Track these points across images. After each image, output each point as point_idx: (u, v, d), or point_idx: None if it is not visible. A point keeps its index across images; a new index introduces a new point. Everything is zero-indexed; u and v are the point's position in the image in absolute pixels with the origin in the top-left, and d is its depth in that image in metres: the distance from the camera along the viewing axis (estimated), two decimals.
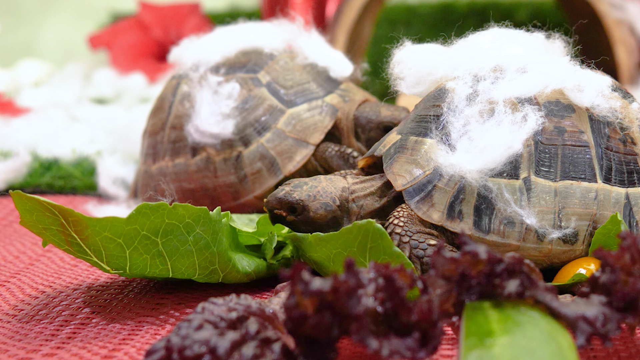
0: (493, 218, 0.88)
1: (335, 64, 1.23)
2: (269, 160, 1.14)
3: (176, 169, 1.18)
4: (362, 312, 0.64)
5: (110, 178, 1.45)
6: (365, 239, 0.85)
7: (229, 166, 1.15)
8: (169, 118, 1.20)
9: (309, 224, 0.94)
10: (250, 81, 1.17)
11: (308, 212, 0.94)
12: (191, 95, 1.18)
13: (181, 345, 0.66)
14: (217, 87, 1.17)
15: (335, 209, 0.95)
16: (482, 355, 0.62)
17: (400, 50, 1.05)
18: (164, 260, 0.88)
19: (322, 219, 0.94)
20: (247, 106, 1.16)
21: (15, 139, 1.68)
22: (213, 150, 1.15)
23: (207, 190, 1.16)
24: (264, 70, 1.19)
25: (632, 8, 2.00)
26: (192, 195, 1.17)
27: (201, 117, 1.15)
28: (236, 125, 1.15)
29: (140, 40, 2.53)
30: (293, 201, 0.94)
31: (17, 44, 2.94)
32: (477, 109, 0.92)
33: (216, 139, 1.15)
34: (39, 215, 0.85)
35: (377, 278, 0.67)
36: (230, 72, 1.19)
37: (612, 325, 0.67)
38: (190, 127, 1.16)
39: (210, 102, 1.16)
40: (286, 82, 1.18)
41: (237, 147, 1.15)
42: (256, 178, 1.14)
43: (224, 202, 1.16)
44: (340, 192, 0.96)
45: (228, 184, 1.15)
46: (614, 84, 0.97)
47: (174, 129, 1.19)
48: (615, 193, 0.91)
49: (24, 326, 0.86)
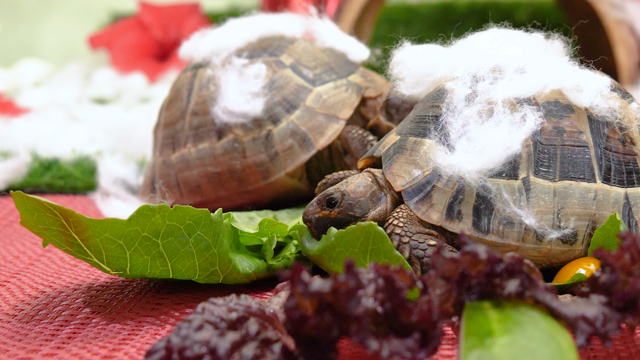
0: (492, 218, 0.88)
1: (353, 48, 1.26)
2: (300, 136, 1.15)
3: (200, 154, 1.18)
4: (362, 313, 0.64)
5: (110, 178, 1.45)
6: (367, 241, 0.86)
7: (259, 145, 1.15)
8: (189, 106, 1.21)
9: (354, 208, 0.94)
10: (274, 64, 1.19)
11: (349, 195, 0.94)
12: (216, 78, 1.19)
13: (181, 345, 0.66)
14: (242, 69, 1.18)
15: (371, 183, 0.95)
16: (482, 355, 0.62)
17: (399, 51, 1.05)
18: (165, 262, 0.88)
19: (362, 195, 0.94)
20: (274, 86, 1.17)
21: (15, 139, 1.68)
22: (241, 131, 1.16)
23: (234, 172, 1.17)
24: (285, 53, 1.21)
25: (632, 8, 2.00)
26: (217, 179, 1.18)
27: (229, 98, 1.16)
28: (266, 103, 1.16)
29: (140, 40, 2.53)
30: (331, 192, 0.94)
31: (17, 44, 2.94)
32: (476, 109, 0.92)
33: (245, 117, 1.16)
34: (39, 216, 0.85)
35: (377, 279, 0.67)
36: (253, 57, 1.20)
37: (612, 325, 0.67)
38: (217, 109, 1.17)
39: (237, 82, 1.17)
40: (309, 63, 1.20)
41: (267, 126, 1.16)
42: (288, 154, 1.15)
43: (252, 183, 1.17)
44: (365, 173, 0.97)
45: (258, 163, 1.15)
46: (613, 84, 0.97)
47: (196, 115, 1.19)
48: (615, 193, 0.91)
49: (24, 326, 0.86)
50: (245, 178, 1.17)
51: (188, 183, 1.19)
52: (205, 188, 1.18)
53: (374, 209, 0.94)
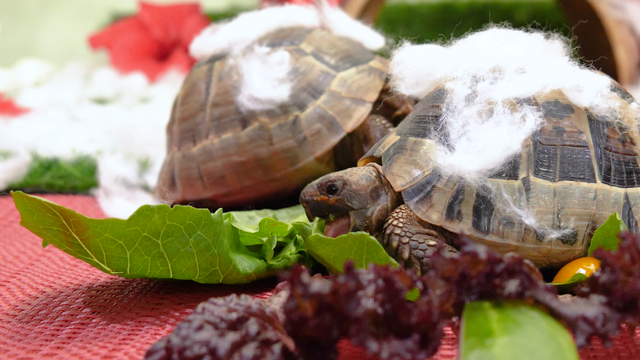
0: (492, 218, 0.88)
1: (368, 37, 1.27)
2: (328, 120, 1.15)
3: (223, 144, 1.18)
4: (361, 315, 0.64)
5: (111, 177, 1.45)
6: (361, 250, 0.86)
7: (286, 131, 1.16)
8: (209, 98, 1.21)
9: (352, 199, 0.94)
10: (295, 52, 1.19)
11: (350, 185, 0.94)
12: (238, 67, 1.19)
13: (181, 345, 0.66)
14: (265, 57, 1.18)
15: (374, 179, 0.95)
16: (482, 355, 0.62)
17: (399, 51, 1.05)
18: (165, 262, 0.88)
19: (365, 188, 0.94)
20: (298, 72, 1.18)
21: (15, 139, 1.68)
22: (266, 118, 1.16)
23: (260, 160, 1.17)
24: (305, 41, 1.21)
25: (632, 8, 2.00)
26: (243, 168, 1.17)
27: (253, 85, 1.16)
28: (292, 89, 1.16)
29: (140, 40, 2.53)
30: (333, 179, 0.95)
31: (17, 44, 2.94)
32: (476, 109, 0.92)
33: (272, 104, 1.16)
34: (39, 216, 0.85)
35: (377, 280, 0.67)
36: (274, 45, 1.21)
37: (612, 325, 0.67)
38: (241, 97, 1.17)
39: (261, 70, 1.17)
40: (329, 50, 1.21)
41: (293, 111, 1.16)
42: (316, 139, 1.15)
43: (279, 170, 1.17)
44: (369, 166, 0.97)
45: (285, 149, 1.16)
46: (613, 84, 0.97)
47: (217, 106, 1.19)
48: (615, 193, 0.91)
49: (24, 326, 0.86)
50: (272, 165, 1.16)
51: (211, 174, 1.19)
52: (229, 178, 1.18)
53: (372, 205, 0.94)
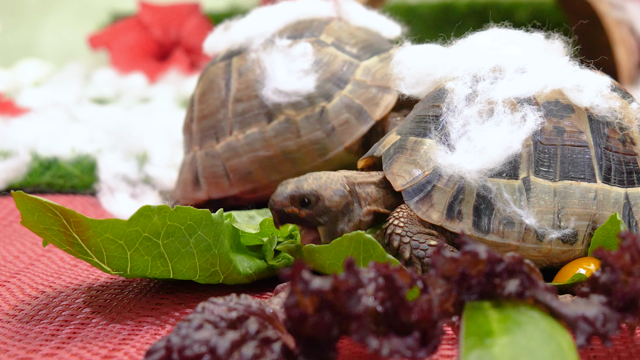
0: (492, 218, 0.88)
1: (385, 26, 1.27)
2: (355, 109, 1.15)
3: (249, 140, 1.17)
4: (362, 312, 0.64)
5: (111, 173, 1.45)
6: (357, 250, 0.85)
7: (313, 122, 1.15)
8: (230, 94, 1.20)
9: (323, 215, 0.92)
10: (315, 43, 1.19)
11: (323, 202, 0.91)
12: (260, 61, 1.19)
13: (181, 345, 0.66)
14: (287, 50, 1.18)
15: (347, 194, 0.93)
16: (482, 355, 0.62)
17: (399, 51, 1.05)
18: (165, 262, 0.88)
19: (337, 206, 0.92)
20: (321, 63, 1.17)
21: (15, 138, 1.68)
22: (292, 110, 1.16)
23: (288, 153, 1.16)
24: (324, 33, 1.21)
25: (632, 8, 2.00)
26: (270, 163, 1.17)
27: (278, 78, 1.16)
28: (317, 79, 1.16)
29: (140, 40, 2.53)
30: (306, 193, 0.91)
31: (17, 44, 2.94)
32: (476, 109, 0.92)
33: (298, 95, 1.16)
34: (40, 216, 0.85)
35: (377, 277, 0.67)
36: (295, 37, 1.20)
37: (612, 325, 0.67)
38: (266, 91, 1.16)
39: (284, 62, 1.17)
40: (349, 40, 1.21)
41: (319, 102, 1.16)
42: (345, 128, 1.15)
43: (308, 163, 1.16)
44: (344, 178, 0.94)
45: (314, 140, 1.15)
46: (613, 84, 0.97)
47: (240, 102, 1.19)
48: (615, 193, 0.91)
49: (24, 326, 0.86)
50: (301, 158, 1.16)
51: (238, 171, 1.18)
52: (256, 174, 1.18)
53: (342, 222, 0.92)
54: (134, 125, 1.73)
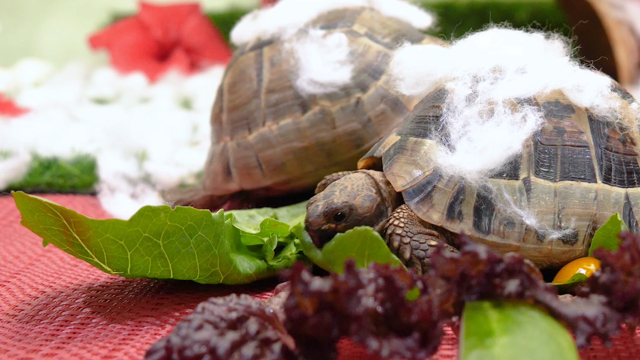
0: (493, 219, 0.88)
1: (415, 16, 1.26)
2: (391, 100, 1.14)
3: (283, 131, 1.17)
4: (362, 313, 0.64)
5: (111, 171, 1.45)
6: (364, 246, 0.85)
7: (348, 114, 1.15)
8: (262, 84, 1.19)
9: (359, 223, 0.92)
10: (349, 33, 1.19)
11: (356, 210, 0.92)
12: (294, 51, 1.18)
13: (181, 345, 0.66)
14: (321, 40, 1.17)
15: (376, 197, 0.93)
16: (482, 355, 0.62)
17: (399, 51, 1.05)
18: (165, 262, 0.88)
19: (370, 211, 0.93)
20: (355, 54, 1.17)
21: (15, 138, 1.68)
22: (327, 101, 1.15)
23: (323, 144, 1.16)
24: (356, 23, 1.20)
25: (632, 8, 2.00)
26: (304, 154, 1.17)
27: (313, 69, 1.15)
28: (353, 70, 1.16)
29: (140, 40, 2.53)
30: (340, 207, 0.92)
31: (17, 44, 2.94)
32: (476, 109, 0.92)
33: (334, 86, 1.15)
34: (40, 216, 0.85)
35: (377, 278, 0.67)
36: (329, 27, 1.20)
37: (612, 325, 0.67)
38: (300, 82, 1.16)
39: (319, 53, 1.16)
40: (382, 30, 1.20)
41: (355, 93, 1.15)
42: (381, 119, 1.14)
43: (343, 154, 1.16)
44: (367, 179, 0.95)
45: (349, 131, 1.15)
46: (613, 84, 0.97)
47: (273, 93, 1.18)
48: (615, 193, 0.91)
49: (24, 326, 0.86)
50: (336, 149, 1.16)
51: (271, 162, 1.18)
52: (290, 165, 1.17)
53: (377, 224, 0.94)
54: (134, 124, 1.73)
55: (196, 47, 2.58)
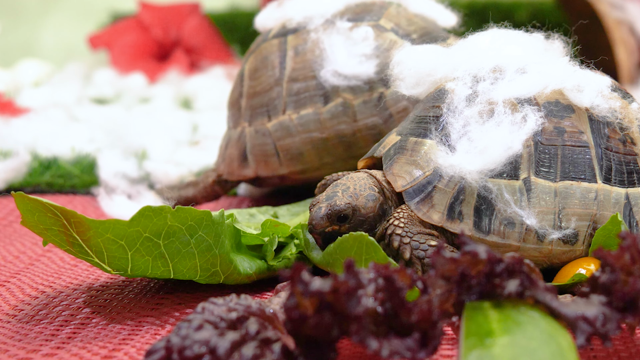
0: (493, 219, 0.88)
1: (441, 14, 1.26)
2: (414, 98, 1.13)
3: (303, 120, 1.17)
4: (362, 313, 0.64)
5: (111, 171, 1.45)
6: (360, 250, 0.86)
7: (370, 108, 1.15)
8: (285, 72, 1.19)
9: (363, 223, 0.92)
10: (375, 28, 1.18)
11: (359, 211, 0.92)
12: (319, 42, 1.18)
13: (181, 345, 0.66)
14: (348, 33, 1.17)
15: (378, 196, 0.93)
16: (482, 355, 0.62)
17: (399, 51, 1.05)
18: (166, 262, 0.88)
19: (373, 210, 0.92)
20: (381, 49, 1.17)
21: (15, 138, 1.68)
22: (350, 94, 1.15)
23: (343, 137, 1.16)
24: (383, 17, 1.20)
25: (632, 8, 2.00)
26: (323, 145, 1.17)
27: (338, 61, 1.15)
28: (378, 65, 1.15)
29: (140, 40, 2.53)
30: (343, 208, 0.91)
31: (17, 44, 2.94)
32: (476, 109, 0.92)
33: (358, 80, 1.15)
34: (40, 216, 0.85)
35: (377, 278, 0.67)
36: (355, 21, 1.19)
37: (612, 325, 0.67)
38: (325, 73, 1.16)
39: (346, 45, 1.16)
40: (408, 27, 1.20)
41: (378, 88, 1.15)
42: (403, 116, 1.14)
43: (362, 147, 1.16)
44: (369, 179, 0.95)
45: (370, 126, 1.15)
46: (613, 84, 0.97)
47: (295, 82, 1.18)
48: (615, 193, 0.91)
49: (24, 326, 0.86)
50: (355, 142, 1.16)
51: (289, 151, 1.18)
52: (308, 155, 1.17)
53: (380, 223, 0.93)
54: (134, 123, 1.73)
55: (196, 47, 2.58)
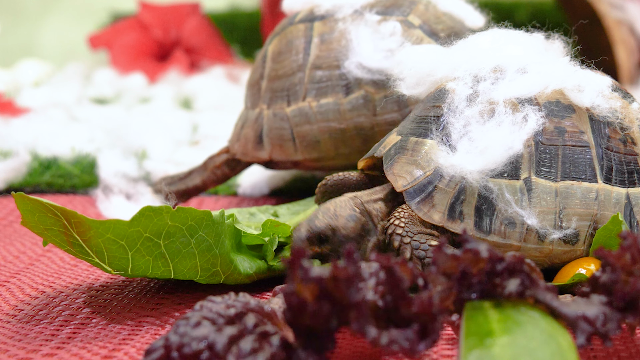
0: (494, 219, 0.88)
1: (470, 15, 1.25)
2: None
3: (322, 109, 1.16)
4: (361, 300, 0.64)
5: (111, 171, 1.45)
6: None
7: (391, 104, 1.14)
8: (309, 59, 1.19)
9: (345, 244, 0.91)
10: (403, 23, 1.18)
11: (339, 231, 0.91)
12: (347, 32, 1.17)
13: (179, 343, 0.66)
14: (376, 26, 1.16)
15: (360, 217, 0.92)
16: (482, 355, 0.62)
17: (400, 51, 1.05)
18: (166, 262, 0.88)
19: (354, 231, 0.91)
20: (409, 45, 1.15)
21: (15, 138, 1.68)
22: (372, 88, 1.14)
23: (361, 129, 1.15)
24: (412, 14, 1.20)
25: (632, 8, 2.00)
26: (340, 136, 1.16)
27: (363, 53, 1.14)
28: None
29: (140, 40, 2.53)
30: (321, 229, 0.90)
31: (17, 44, 2.94)
32: (477, 109, 0.92)
33: (382, 74, 1.14)
34: (40, 216, 0.85)
35: (378, 272, 0.67)
36: (384, 15, 1.19)
37: (612, 325, 0.67)
38: (349, 64, 1.15)
39: (373, 38, 1.15)
40: (436, 25, 1.19)
41: None
42: None
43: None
44: (351, 201, 0.93)
45: (389, 121, 1.14)
46: (614, 84, 0.98)
47: (318, 69, 1.18)
48: (616, 193, 0.91)
49: (24, 326, 0.86)
50: (373, 136, 1.15)
51: (306, 138, 1.17)
52: (324, 144, 1.17)
53: (363, 243, 0.92)
54: (134, 123, 1.73)
55: (196, 47, 2.58)
